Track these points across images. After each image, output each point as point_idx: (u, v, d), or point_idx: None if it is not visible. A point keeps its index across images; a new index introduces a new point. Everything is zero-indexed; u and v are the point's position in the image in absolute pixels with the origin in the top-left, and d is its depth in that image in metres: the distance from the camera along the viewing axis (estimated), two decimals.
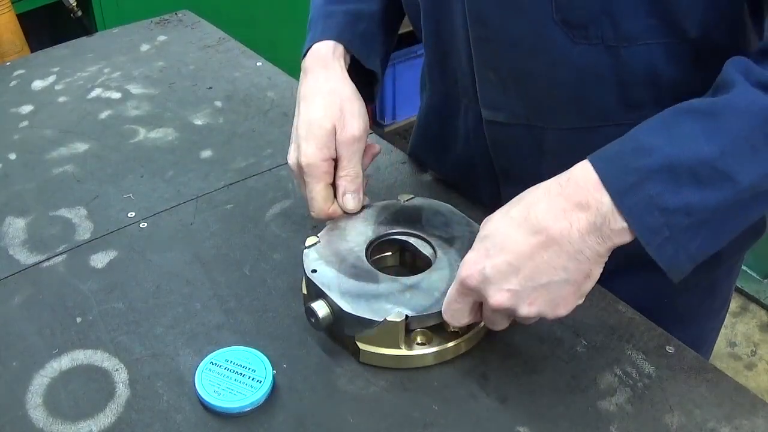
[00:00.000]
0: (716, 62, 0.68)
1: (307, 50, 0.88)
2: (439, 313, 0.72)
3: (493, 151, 0.90)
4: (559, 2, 0.72)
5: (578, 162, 0.85)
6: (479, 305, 0.71)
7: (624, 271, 0.85)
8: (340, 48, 0.87)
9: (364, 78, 0.91)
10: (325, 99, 0.82)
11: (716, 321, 1.04)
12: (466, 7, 0.79)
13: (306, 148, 0.80)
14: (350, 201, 0.82)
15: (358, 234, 0.82)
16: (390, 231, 0.83)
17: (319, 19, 0.90)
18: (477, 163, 0.94)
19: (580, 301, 0.68)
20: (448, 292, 0.71)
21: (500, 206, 0.95)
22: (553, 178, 0.67)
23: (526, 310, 0.67)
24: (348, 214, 0.83)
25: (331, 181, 0.82)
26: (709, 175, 0.61)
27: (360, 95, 0.85)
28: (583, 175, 0.64)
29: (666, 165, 0.62)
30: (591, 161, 0.65)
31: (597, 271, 0.66)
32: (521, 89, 0.82)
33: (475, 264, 0.68)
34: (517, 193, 0.93)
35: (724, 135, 0.62)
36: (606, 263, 0.66)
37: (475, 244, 0.70)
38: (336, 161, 0.82)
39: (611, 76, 0.76)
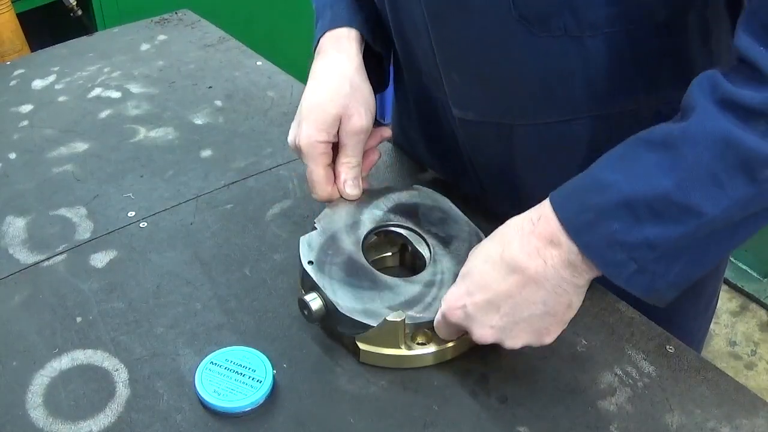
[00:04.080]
0: (684, 46, 0.66)
1: (320, 37, 0.87)
2: (431, 321, 0.73)
3: (469, 146, 0.90)
4: None
5: (550, 155, 0.84)
6: None
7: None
8: (354, 32, 0.87)
9: (371, 65, 0.91)
10: (334, 83, 0.82)
11: (703, 321, 1.03)
12: (424, 10, 0.78)
13: (305, 129, 0.80)
14: (349, 188, 0.83)
15: (355, 223, 0.82)
16: (387, 222, 0.83)
17: (326, 8, 0.89)
18: (456, 156, 0.94)
19: (564, 327, 0.69)
20: (437, 315, 0.73)
21: (484, 199, 0.95)
22: (525, 214, 0.67)
23: (511, 342, 0.69)
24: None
25: (329, 162, 0.82)
26: (667, 209, 0.60)
27: (370, 84, 0.85)
28: (550, 212, 0.65)
29: (622, 201, 0.61)
30: (551, 200, 0.65)
31: (577, 300, 0.67)
32: (487, 88, 0.81)
33: (456, 301, 0.70)
34: (496, 187, 0.94)
35: (680, 167, 0.60)
36: None
37: (458, 280, 0.72)
38: (337, 144, 0.82)
39: (577, 67, 0.75)
